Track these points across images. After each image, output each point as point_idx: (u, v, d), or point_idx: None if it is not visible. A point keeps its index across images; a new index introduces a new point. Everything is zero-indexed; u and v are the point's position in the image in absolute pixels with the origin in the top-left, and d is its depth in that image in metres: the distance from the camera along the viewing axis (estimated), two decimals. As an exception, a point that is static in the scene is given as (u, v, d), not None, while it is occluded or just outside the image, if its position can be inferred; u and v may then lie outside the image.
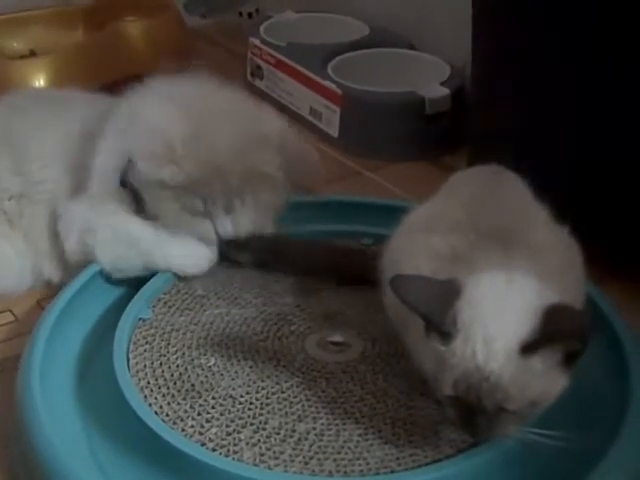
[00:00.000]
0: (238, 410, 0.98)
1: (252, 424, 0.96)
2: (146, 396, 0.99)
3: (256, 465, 0.91)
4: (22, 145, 1.30)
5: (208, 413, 0.98)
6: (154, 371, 1.03)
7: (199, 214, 1.17)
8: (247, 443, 0.93)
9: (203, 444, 0.93)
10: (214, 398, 1.00)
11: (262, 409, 0.98)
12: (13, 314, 1.29)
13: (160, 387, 1.01)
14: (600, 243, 1.06)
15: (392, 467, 0.90)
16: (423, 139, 1.68)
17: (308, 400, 0.99)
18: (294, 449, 0.93)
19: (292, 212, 1.27)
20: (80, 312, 1.14)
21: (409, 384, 0.99)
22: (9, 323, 1.27)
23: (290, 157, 1.20)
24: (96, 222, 1.20)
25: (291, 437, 0.94)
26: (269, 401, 0.99)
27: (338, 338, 1.09)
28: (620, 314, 1.07)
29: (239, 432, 0.95)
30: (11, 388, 1.03)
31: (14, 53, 1.94)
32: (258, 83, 1.89)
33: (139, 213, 1.20)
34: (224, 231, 1.18)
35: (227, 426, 0.96)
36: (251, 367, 1.04)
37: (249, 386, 1.01)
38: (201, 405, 0.99)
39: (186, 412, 0.98)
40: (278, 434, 0.95)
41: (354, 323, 1.11)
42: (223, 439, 0.94)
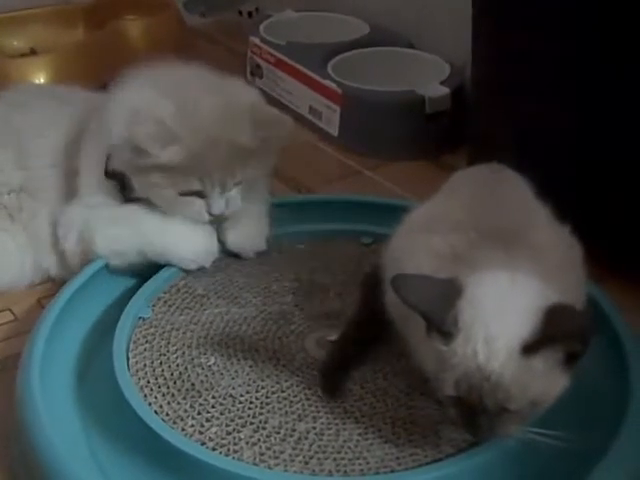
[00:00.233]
0: (238, 409, 0.98)
1: (252, 423, 0.96)
2: (146, 395, 0.99)
3: (256, 464, 0.91)
4: (23, 140, 1.30)
5: (208, 412, 0.97)
6: (154, 370, 1.03)
7: (192, 194, 1.17)
8: (247, 442, 0.93)
9: (203, 443, 0.93)
10: (214, 397, 1.00)
11: (262, 408, 0.98)
12: (13, 313, 1.29)
13: (160, 386, 1.01)
14: (600, 242, 1.06)
15: (392, 466, 0.90)
16: (423, 138, 1.68)
17: (308, 399, 0.99)
18: (294, 448, 0.93)
19: (292, 212, 1.27)
20: (80, 311, 1.14)
21: (409, 383, 0.99)
22: (9, 322, 1.27)
23: (265, 124, 1.19)
24: (93, 214, 1.20)
25: (291, 436, 0.94)
26: (269, 400, 0.99)
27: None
28: (620, 313, 1.07)
29: (239, 431, 0.95)
30: (11, 387, 1.03)
31: (14, 51, 1.94)
32: (258, 82, 1.88)
33: (128, 203, 1.20)
34: (218, 210, 1.18)
35: (227, 425, 0.96)
36: (251, 366, 1.04)
37: (249, 385, 1.01)
38: (201, 404, 0.99)
39: (186, 411, 0.97)
40: (278, 433, 0.95)
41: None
42: (223, 438, 0.94)
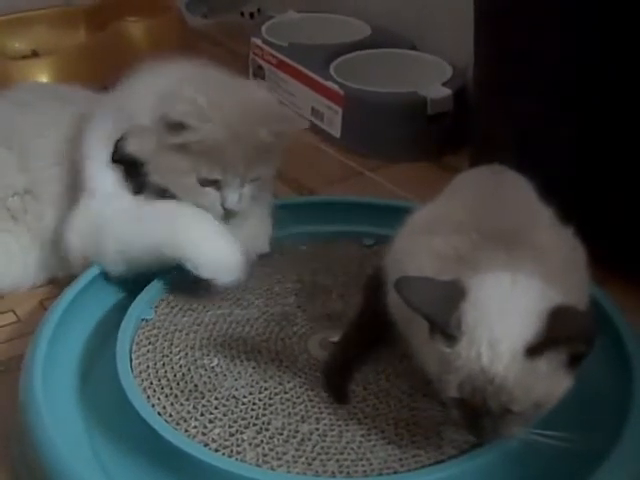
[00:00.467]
0: (241, 411, 0.98)
1: (255, 425, 0.96)
2: (149, 396, 1.00)
3: (259, 466, 0.91)
4: (27, 142, 1.30)
5: (211, 414, 0.98)
6: (157, 372, 1.03)
7: (210, 184, 1.16)
8: (250, 444, 0.93)
9: (206, 445, 0.93)
10: (217, 399, 1.00)
11: (265, 410, 0.98)
12: (16, 314, 1.29)
13: (163, 388, 1.01)
14: (602, 243, 1.06)
15: (395, 468, 0.90)
16: (425, 139, 1.68)
17: (311, 401, 0.99)
18: (297, 450, 0.93)
19: (294, 213, 1.27)
20: (83, 313, 1.14)
21: (412, 385, 0.99)
22: (12, 323, 1.27)
23: (280, 121, 1.19)
24: (103, 212, 1.19)
25: (294, 438, 0.94)
26: (272, 402, 0.99)
27: (340, 339, 1.09)
28: (623, 315, 1.07)
29: (242, 433, 0.95)
30: (14, 388, 1.03)
31: (16, 53, 1.94)
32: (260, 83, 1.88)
33: (135, 190, 1.19)
34: (231, 204, 1.16)
35: (230, 427, 0.96)
36: (254, 368, 1.04)
37: (252, 387, 1.01)
38: (204, 406, 0.99)
39: (189, 413, 0.98)
40: (281, 435, 0.95)
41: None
42: (226, 440, 0.94)
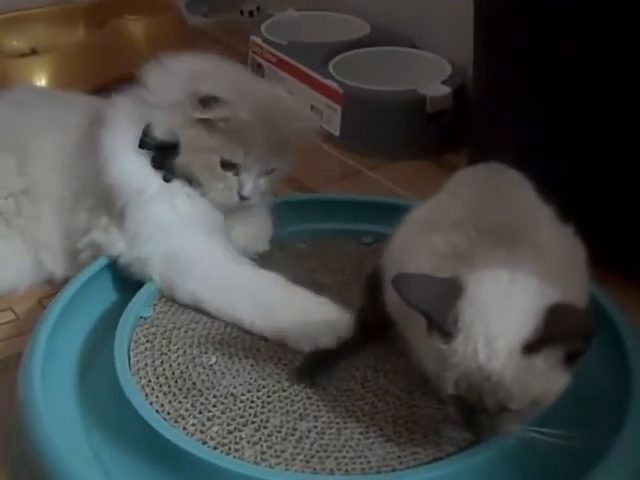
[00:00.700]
0: (239, 408, 0.98)
1: (253, 422, 0.96)
2: (147, 394, 1.00)
3: (257, 463, 0.91)
4: (26, 144, 1.30)
5: (209, 412, 0.98)
6: (155, 369, 1.03)
7: (231, 168, 1.17)
8: (248, 441, 0.93)
9: (204, 442, 0.93)
10: (215, 396, 1.00)
11: (263, 407, 0.98)
12: (14, 312, 1.29)
13: (161, 385, 1.01)
14: (601, 242, 1.06)
15: (393, 465, 0.90)
16: (424, 137, 1.68)
17: (309, 398, 0.99)
18: (295, 447, 0.93)
19: (293, 211, 1.27)
20: (81, 310, 1.14)
21: (410, 382, 0.99)
22: (10, 321, 1.27)
23: (298, 117, 1.23)
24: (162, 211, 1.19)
25: (292, 435, 0.94)
26: (270, 399, 0.99)
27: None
28: (622, 313, 1.07)
29: (240, 430, 0.95)
30: (13, 386, 1.03)
31: (15, 51, 1.94)
32: (259, 82, 1.88)
33: (165, 177, 1.19)
34: (247, 191, 1.18)
35: (228, 424, 0.96)
36: (252, 365, 1.04)
37: (250, 384, 1.01)
38: (202, 403, 0.99)
39: (187, 410, 0.98)
40: (279, 432, 0.95)
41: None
42: (224, 437, 0.94)
